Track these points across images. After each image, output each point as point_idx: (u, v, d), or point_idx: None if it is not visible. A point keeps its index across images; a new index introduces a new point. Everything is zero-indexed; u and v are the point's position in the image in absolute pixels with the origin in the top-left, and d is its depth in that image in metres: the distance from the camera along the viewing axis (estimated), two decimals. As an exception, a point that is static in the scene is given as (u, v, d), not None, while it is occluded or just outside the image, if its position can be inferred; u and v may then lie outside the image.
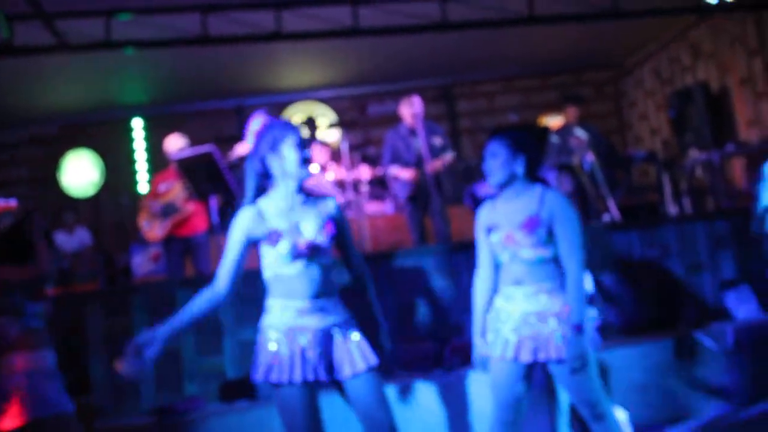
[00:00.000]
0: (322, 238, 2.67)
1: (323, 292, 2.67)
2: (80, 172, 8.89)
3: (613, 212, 6.14)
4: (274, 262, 2.66)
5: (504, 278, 2.95)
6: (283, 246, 2.63)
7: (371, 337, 2.78)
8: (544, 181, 3.01)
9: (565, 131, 6.67)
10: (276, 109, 9.41)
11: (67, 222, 7.39)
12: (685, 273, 5.07)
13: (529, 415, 3.04)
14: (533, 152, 2.97)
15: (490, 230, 2.96)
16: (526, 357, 2.85)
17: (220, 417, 3.90)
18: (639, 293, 4.97)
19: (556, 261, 2.88)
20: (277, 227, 2.65)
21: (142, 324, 4.24)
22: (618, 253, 4.99)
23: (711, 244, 5.15)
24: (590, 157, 6.27)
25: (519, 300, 2.89)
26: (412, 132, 5.84)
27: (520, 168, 2.93)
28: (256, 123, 5.14)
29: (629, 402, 4.33)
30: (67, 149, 8.98)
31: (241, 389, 4.20)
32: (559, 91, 9.24)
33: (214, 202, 5.59)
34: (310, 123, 8.12)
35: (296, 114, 9.46)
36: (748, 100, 7.29)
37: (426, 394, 4.06)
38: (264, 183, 2.74)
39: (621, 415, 3.86)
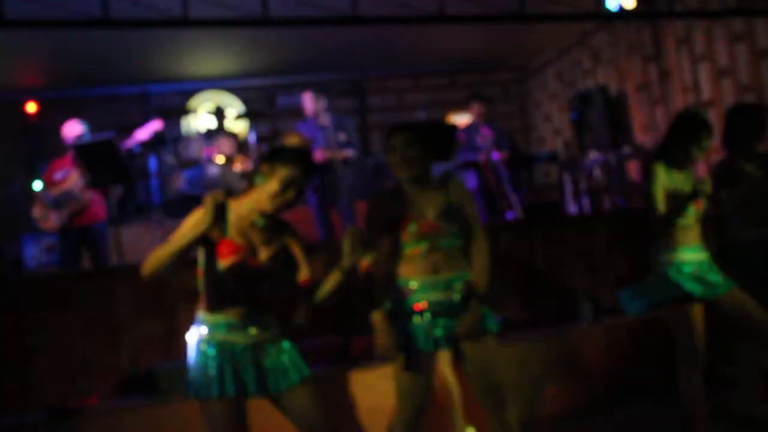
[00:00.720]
0: (271, 265, 2.69)
1: (258, 306, 2.68)
2: (-32, 157, 8.38)
3: (516, 210, 6.30)
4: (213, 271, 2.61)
5: (417, 269, 2.91)
6: (231, 261, 2.59)
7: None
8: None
9: (471, 129, 6.80)
10: (182, 97, 9.17)
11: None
12: (582, 270, 5.26)
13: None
14: (441, 146, 3.05)
15: (401, 221, 2.91)
16: (443, 346, 2.89)
17: (115, 414, 3.76)
18: (539, 289, 5.12)
19: (461, 247, 2.96)
20: (233, 239, 2.61)
21: (32, 320, 4.03)
22: (519, 250, 5.12)
23: (607, 243, 5.36)
24: (496, 155, 6.41)
25: (436, 289, 2.89)
26: (319, 125, 5.91)
27: (431, 161, 2.98)
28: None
29: (518, 396, 4.47)
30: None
31: (138, 385, 4.07)
32: (467, 89, 9.41)
33: (114, 191, 5.40)
34: (218, 113, 7.94)
35: (204, 103, 9.24)
36: (644, 105, 7.62)
37: (328, 387, 4.05)
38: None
39: None
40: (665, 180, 3.58)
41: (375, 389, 4.16)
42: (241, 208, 2.68)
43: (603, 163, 7.17)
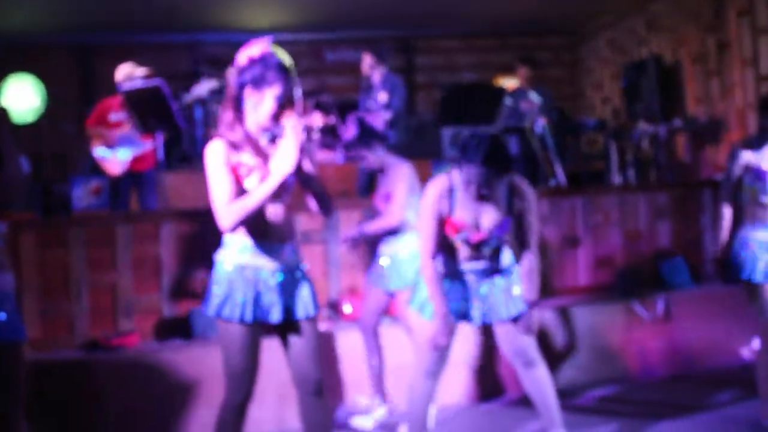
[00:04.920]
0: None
1: (282, 233, 2.64)
2: (21, 98, 8.54)
3: (559, 177, 6.22)
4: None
5: (462, 254, 3.11)
6: (253, 181, 2.58)
7: None
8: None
9: (518, 94, 6.70)
10: (232, 48, 9.19)
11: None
12: (623, 241, 5.20)
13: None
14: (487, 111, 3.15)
15: (451, 222, 3.02)
16: (479, 320, 3.12)
17: (154, 354, 3.88)
18: (578, 258, 5.08)
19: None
20: (247, 162, 2.60)
21: (79, 258, 4.15)
22: (560, 218, 5.08)
23: (650, 215, 5.28)
24: (542, 122, 6.31)
25: (476, 272, 3.10)
26: (367, 84, 5.95)
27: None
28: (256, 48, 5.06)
29: (559, 362, 4.47)
30: (7, 73, 8.61)
31: (177, 327, 4.17)
32: (517, 52, 9.24)
33: (160, 138, 5.47)
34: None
35: (251, 55, 9.25)
36: (699, 77, 7.41)
37: (357, 341, 4.10)
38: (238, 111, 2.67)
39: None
40: (747, 158, 3.51)
41: (403, 345, 4.21)
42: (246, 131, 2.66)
43: (652, 135, 7.02)
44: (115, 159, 5.40)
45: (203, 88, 5.70)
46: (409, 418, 3.17)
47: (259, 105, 2.62)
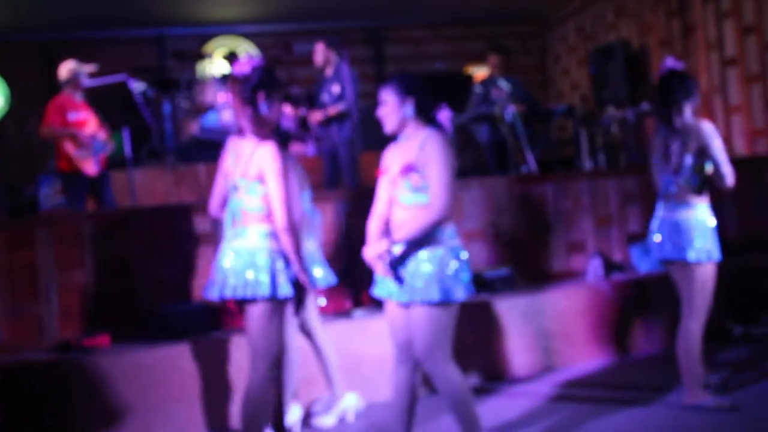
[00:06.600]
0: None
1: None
2: (-16, 97, 8.38)
3: (530, 164, 6.25)
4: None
5: (392, 221, 3.03)
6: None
7: None
8: (436, 123, 3.03)
9: (488, 82, 6.71)
10: (198, 41, 9.10)
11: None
12: (594, 226, 5.24)
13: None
14: (422, 94, 3.01)
15: (384, 172, 3.07)
16: (396, 297, 2.95)
17: (128, 353, 3.83)
18: (550, 244, 5.12)
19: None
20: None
21: (47, 258, 4.09)
22: (532, 204, 5.11)
23: (621, 199, 5.33)
24: (512, 109, 6.33)
25: (399, 244, 2.93)
26: (323, 78, 5.96)
27: (409, 111, 2.99)
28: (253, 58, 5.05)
29: (528, 348, 4.50)
30: (-30, 72, 8.46)
31: (152, 325, 4.12)
32: (487, 41, 9.26)
33: (127, 133, 5.41)
34: (232, 58, 7.87)
35: (219, 48, 9.17)
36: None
37: (341, 335, 4.10)
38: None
39: (295, 412, 3.84)
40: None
41: (385, 337, 4.20)
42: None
43: (620, 120, 7.08)
44: (91, 159, 5.33)
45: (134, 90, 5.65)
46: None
47: (273, 106, 2.98)
